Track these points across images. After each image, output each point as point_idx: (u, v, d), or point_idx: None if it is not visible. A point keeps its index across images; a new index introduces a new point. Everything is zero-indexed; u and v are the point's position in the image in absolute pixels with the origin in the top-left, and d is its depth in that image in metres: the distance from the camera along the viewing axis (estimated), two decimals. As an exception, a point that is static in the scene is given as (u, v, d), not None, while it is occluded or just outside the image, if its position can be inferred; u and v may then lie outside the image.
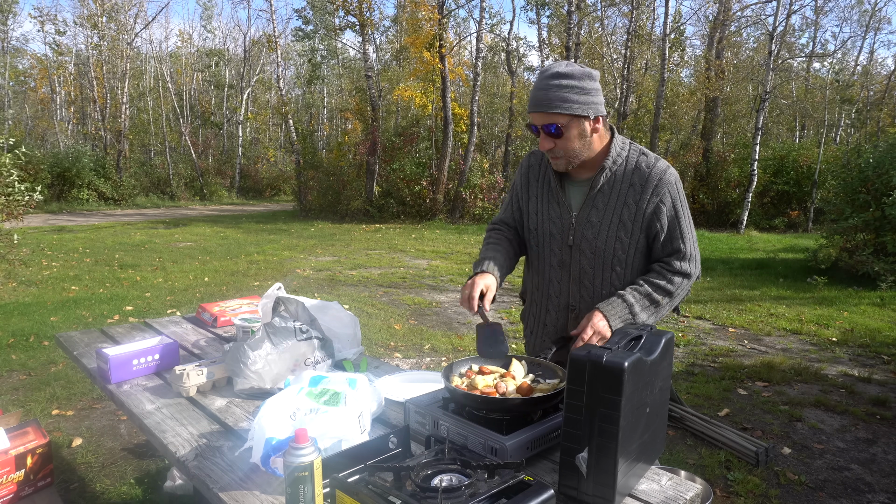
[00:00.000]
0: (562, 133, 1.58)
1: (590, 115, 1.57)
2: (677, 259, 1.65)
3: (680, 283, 1.65)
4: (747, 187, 14.89)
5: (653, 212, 1.63)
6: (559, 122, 1.57)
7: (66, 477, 2.86)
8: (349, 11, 17.92)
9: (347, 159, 19.44)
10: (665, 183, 1.62)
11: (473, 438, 1.32)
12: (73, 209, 19.67)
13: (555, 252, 1.76)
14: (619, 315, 1.60)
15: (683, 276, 1.65)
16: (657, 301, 1.63)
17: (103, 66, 23.77)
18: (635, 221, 1.64)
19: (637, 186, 1.63)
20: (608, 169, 1.65)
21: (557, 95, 1.55)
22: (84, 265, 8.82)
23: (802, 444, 3.33)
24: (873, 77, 26.33)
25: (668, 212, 1.63)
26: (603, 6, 23.17)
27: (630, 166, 1.65)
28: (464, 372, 1.56)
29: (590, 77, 1.58)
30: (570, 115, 1.56)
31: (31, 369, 4.33)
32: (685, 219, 1.66)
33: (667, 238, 1.65)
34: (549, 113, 1.57)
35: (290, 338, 1.77)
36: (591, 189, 1.67)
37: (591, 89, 1.57)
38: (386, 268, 9.09)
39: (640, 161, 1.65)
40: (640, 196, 1.63)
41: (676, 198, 1.64)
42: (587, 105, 1.56)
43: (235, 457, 1.38)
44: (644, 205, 1.63)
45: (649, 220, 1.64)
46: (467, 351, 4.93)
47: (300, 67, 35.47)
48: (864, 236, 8.23)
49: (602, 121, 1.63)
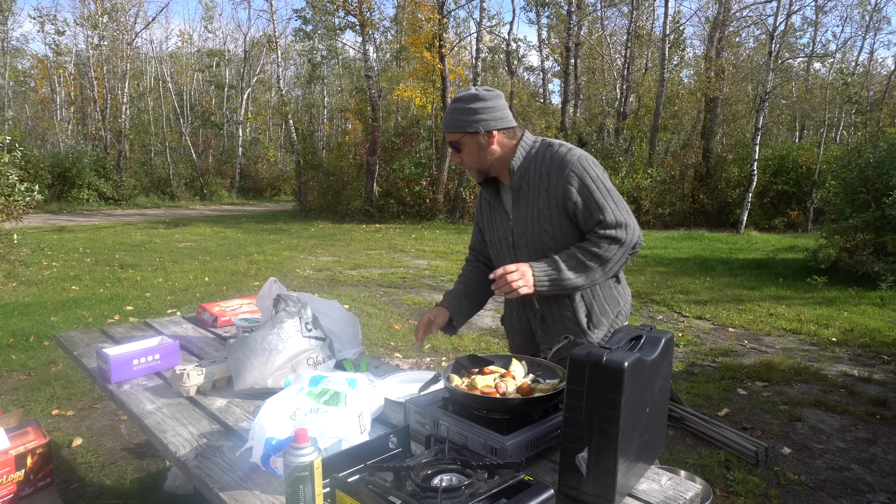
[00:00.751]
0: (460, 148, 1.82)
1: (480, 130, 1.78)
2: (602, 227, 1.74)
3: (608, 248, 1.73)
4: (747, 187, 14.89)
5: (563, 193, 1.76)
6: (456, 139, 1.81)
7: (66, 477, 2.86)
8: (349, 11, 17.93)
9: (347, 159, 19.44)
10: (567, 164, 1.75)
11: (473, 438, 1.32)
12: (73, 209, 19.67)
13: (505, 256, 1.94)
14: (543, 269, 1.72)
15: (611, 240, 1.73)
16: (584, 263, 1.73)
17: (103, 66, 23.78)
18: (551, 207, 1.78)
19: (546, 175, 1.79)
20: (514, 169, 1.82)
21: (451, 119, 1.81)
22: (84, 265, 8.82)
23: (802, 444, 3.33)
24: (873, 77, 26.32)
25: (577, 188, 1.75)
26: (603, 6, 23.19)
27: (539, 160, 1.80)
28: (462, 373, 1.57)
29: (477, 99, 1.78)
30: (461, 132, 1.79)
31: (31, 369, 4.33)
32: (599, 192, 1.75)
33: (585, 212, 1.76)
34: (448, 133, 1.83)
35: (295, 334, 1.77)
36: (513, 191, 1.85)
37: (478, 109, 1.78)
38: (386, 268, 9.09)
39: (546, 153, 1.80)
40: (549, 183, 1.78)
41: (584, 174, 1.75)
42: (476, 122, 1.77)
43: (235, 457, 1.38)
44: (554, 189, 1.77)
45: (562, 201, 1.77)
46: (467, 351, 4.94)
47: (300, 67, 35.48)
48: (864, 236, 8.22)
49: (500, 132, 1.80)
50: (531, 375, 1.57)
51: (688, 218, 16.66)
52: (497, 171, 1.87)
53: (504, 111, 1.81)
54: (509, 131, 1.82)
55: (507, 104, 1.86)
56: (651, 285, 7.82)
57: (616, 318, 1.88)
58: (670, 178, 17.06)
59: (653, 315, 6.37)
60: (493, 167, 1.85)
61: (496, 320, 5.99)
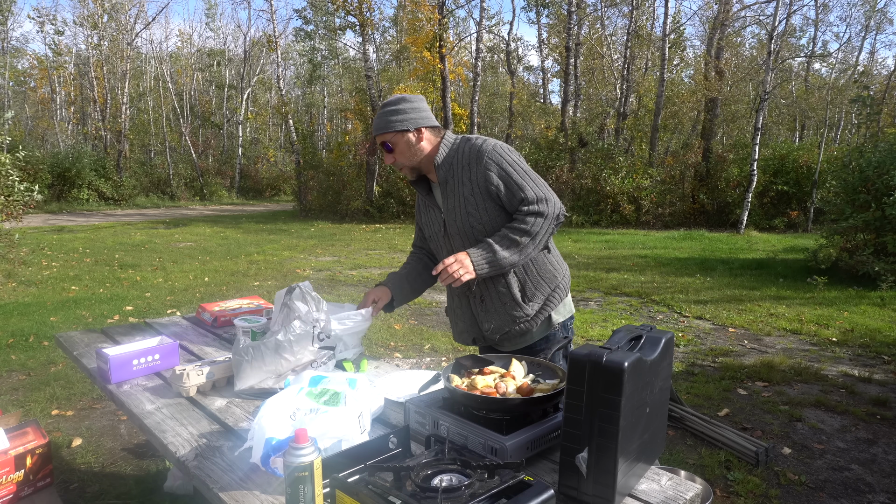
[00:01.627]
0: (393, 147, 1.94)
1: (409, 128, 1.91)
2: (525, 205, 1.85)
3: (534, 222, 1.84)
4: (747, 187, 14.88)
5: (485, 179, 1.88)
6: (388, 139, 1.93)
7: (66, 477, 2.86)
8: (349, 11, 17.94)
9: (347, 159, 19.44)
10: (484, 152, 1.88)
11: (473, 438, 1.32)
12: (73, 209, 19.67)
13: (442, 247, 2.06)
14: (479, 253, 1.83)
15: (536, 215, 1.84)
16: (514, 240, 1.83)
17: (103, 66, 23.78)
18: (475, 194, 1.90)
19: (467, 166, 1.91)
20: (439, 164, 1.95)
21: (381, 121, 1.93)
22: (84, 265, 8.82)
23: (802, 444, 3.33)
24: (874, 77, 26.31)
25: (497, 173, 1.87)
26: (603, 6, 23.18)
27: (461, 154, 1.93)
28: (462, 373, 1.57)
29: (405, 101, 1.94)
30: (393, 132, 1.92)
31: (31, 369, 4.33)
32: (517, 173, 1.87)
33: (508, 194, 1.87)
34: (380, 135, 1.94)
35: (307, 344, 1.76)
36: (441, 185, 1.97)
37: (406, 109, 1.92)
38: (386, 268, 9.09)
39: (465, 146, 1.93)
40: (470, 172, 1.90)
41: (501, 160, 1.87)
42: (405, 121, 1.91)
43: (235, 457, 1.38)
44: (476, 177, 1.89)
45: (485, 187, 1.89)
46: (467, 351, 4.93)
47: (300, 67, 35.48)
48: (865, 236, 8.22)
49: (427, 130, 1.94)
50: (531, 375, 1.57)
51: (688, 218, 16.66)
52: (426, 167, 1.99)
53: (428, 112, 1.97)
54: (434, 129, 1.97)
55: (428, 107, 2.02)
56: (651, 285, 7.82)
57: (554, 292, 1.99)
58: (670, 178, 17.05)
59: (653, 315, 6.37)
60: (423, 164, 1.98)
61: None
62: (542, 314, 1.97)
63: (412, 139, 1.93)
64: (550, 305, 1.98)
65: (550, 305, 1.98)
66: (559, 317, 2.01)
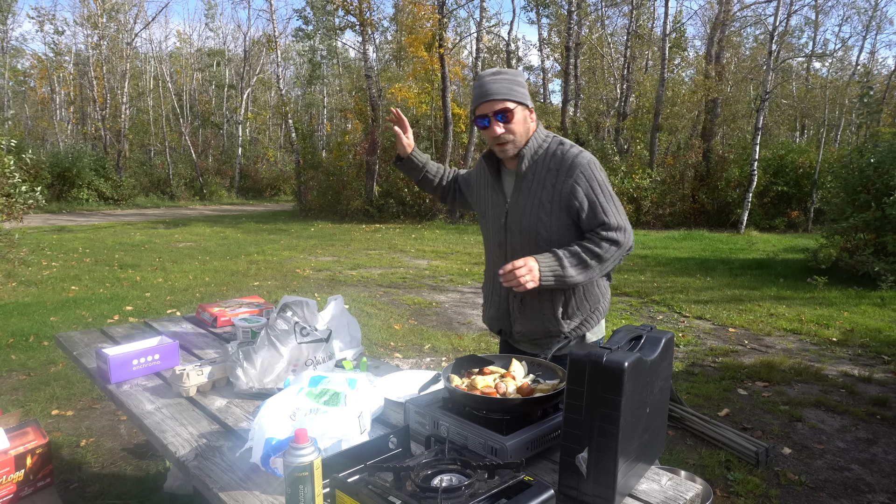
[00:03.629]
0: (510, 118, 1.80)
1: (529, 104, 1.84)
2: (604, 230, 1.80)
3: (608, 249, 1.79)
4: (747, 187, 14.89)
5: (570, 192, 1.80)
6: (508, 107, 1.79)
7: (66, 477, 2.86)
8: (349, 11, 17.93)
9: (347, 159, 19.44)
10: (577, 165, 1.79)
11: (473, 438, 1.32)
12: (73, 209, 19.67)
13: (495, 234, 1.99)
14: (548, 264, 1.75)
15: (611, 243, 1.80)
16: (585, 261, 1.78)
17: (103, 66, 23.78)
18: (553, 202, 1.82)
19: (554, 171, 1.82)
20: (526, 157, 1.85)
21: (504, 86, 1.79)
22: (84, 265, 8.82)
23: (802, 444, 3.33)
24: (874, 77, 26.30)
25: (584, 190, 1.79)
26: (604, 6, 23.19)
27: (549, 155, 1.84)
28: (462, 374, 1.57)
29: (522, 75, 1.86)
30: (516, 101, 1.80)
31: (31, 369, 4.33)
32: (604, 196, 1.81)
33: (590, 214, 1.81)
34: (498, 100, 1.79)
35: (291, 342, 1.77)
36: (517, 176, 1.88)
37: (524, 83, 1.85)
38: (386, 268, 9.09)
39: (557, 149, 1.84)
40: (556, 179, 1.82)
41: (592, 178, 1.79)
42: (526, 96, 1.83)
43: (235, 457, 1.38)
44: (560, 186, 1.81)
45: (567, 200, 1.81)
46: (467, 351, 4.93)
47: (300, 67, 35.48)
48: (865, 236, 8.22)
49: (533, 113, 1.87)
50: (531, 376, 1.57)
51: (688, 218, 16.66)
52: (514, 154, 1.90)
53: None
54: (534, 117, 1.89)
55: None
56: (651, 285, 7.81)
57: (592, 314, 1.95)
58: (670, 178, 17.05)
59: (653, 315, 6.37)
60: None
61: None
62: (576, 332, 1.93)
63: (527, 116, 1.84)
64: (587, 326, 1.94)
65: (587, 326, 1.94)
66: (593, 336, 1.97)
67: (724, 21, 17.51)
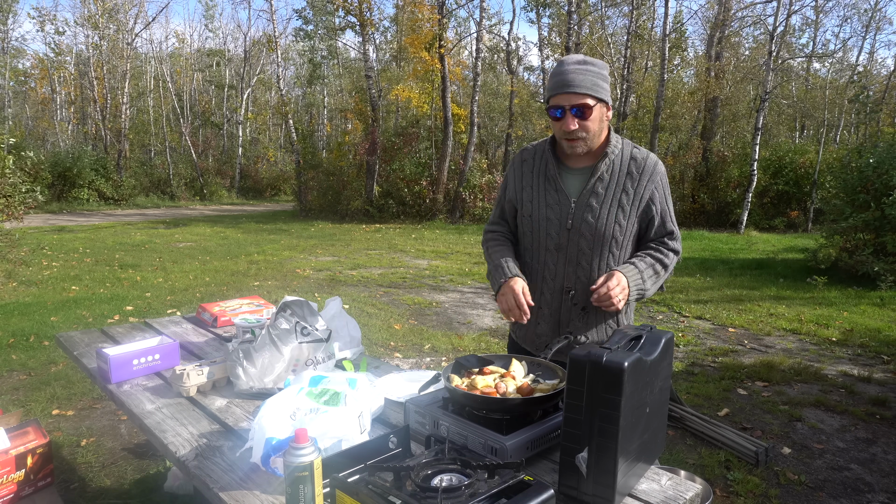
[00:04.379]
0: (587, 115, 1.68)
1: (609, 101, 1.72)
2: (671, 239, 1.82)
3: (673, 259, 1.82)
4: (747, 187, 14.89)
5: (649, 198, 1.79)
6: (588, 103, 1.66)
7: (66, 477, 2.86)
8: (349, 11, 17.93)
9: (347, 159, 19.43)
10: (658, 173, 1.80)
11: (473, 438, 1.32)
12: (73, 209, 19.66)
13: (552, 236, 1.82)
14: (633, 278, 1.72)
15: (675, 253, 1.83)
16: (658, 272, 1.79)
17: (103, 66, 23.77)
18: (632, 205, 1.78)
19: (634, 175, 1.78)
20: (609, 157, 1.77)
21: (587, 79, 1.66)
22: (84, 265, 8.82)
23: (802, 444, 3.33)
24: (874, 77, 26.30)
25: (660, 199, 1.80)
26: (604, 6, 23.19)
27: (626, 157, 1.79)
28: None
29: (607, 68, 1.74)
30: (597, 98, 1.68)
31: (32, 369, 4.33)
32: (670, 205, 1.85)
33: (660, 221, 1.82)
34: (579, 94, 1.66)
35: (292, 341, 1.77)
36: (592, 176, 1.78)
37: (608, 78, 1.73)
38: (386, 268, 9.09)
39: (634, 153, 1.80)
40: (637, 183, 1.78)
41: (666, 186, 1.83)
42: (608, 92, 1.71)
43: (236, 457, 1.38)
44: (641, 191, 1.78)
45: (645, 205, 1.79)
46: (467, 351, 4.93)
47: (300, 67, 35.44)
48: (864, 236, 8.22)
49: (611, 111, 1.77)
50: (531, 375, 1.57)
51: (688, 218, 16.66)
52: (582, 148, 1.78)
53: None
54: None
55: None
56: (651, 285, 7.81)
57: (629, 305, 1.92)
58: (670, 178, 17.06)
59: (653, 315, 6.37)
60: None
61: (496, 320, 5.99)
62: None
63: (605, 114, 1.73)
64: (629, 317, 1.96)
65: (629, 317, 1.96)
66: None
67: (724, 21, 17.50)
